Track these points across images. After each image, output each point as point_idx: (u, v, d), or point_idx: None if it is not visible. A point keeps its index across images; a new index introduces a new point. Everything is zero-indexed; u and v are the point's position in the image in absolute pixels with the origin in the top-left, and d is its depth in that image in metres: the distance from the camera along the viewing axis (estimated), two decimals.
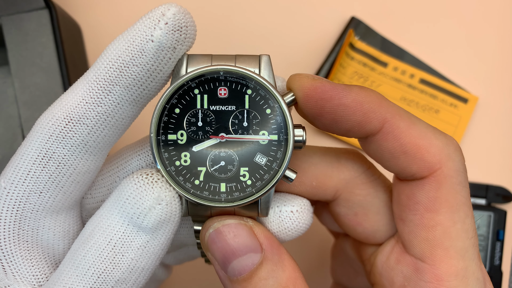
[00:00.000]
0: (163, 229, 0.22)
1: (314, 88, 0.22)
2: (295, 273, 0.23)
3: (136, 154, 0.24)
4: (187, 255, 0.30)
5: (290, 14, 0.43)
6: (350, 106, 0.22)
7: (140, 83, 0.21)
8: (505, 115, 0.43)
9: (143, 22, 0.21)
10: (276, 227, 0.24)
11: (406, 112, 0.23)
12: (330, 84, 0.22)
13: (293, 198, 0.25)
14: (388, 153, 0.23)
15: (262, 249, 0.22)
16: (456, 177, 0.22)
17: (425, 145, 0.22)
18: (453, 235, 0.22)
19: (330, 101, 0.22)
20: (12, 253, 0.22)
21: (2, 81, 0.37)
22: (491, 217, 0.41)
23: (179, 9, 0.21)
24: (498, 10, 0.43)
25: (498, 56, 0.43)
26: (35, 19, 0.35)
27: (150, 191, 0.21)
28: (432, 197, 0.22)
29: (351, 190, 0.25)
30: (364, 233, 0.26)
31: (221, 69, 0.22)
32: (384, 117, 0.22)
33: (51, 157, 0.21)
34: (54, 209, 0.22)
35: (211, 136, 0.22)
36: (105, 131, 0.22)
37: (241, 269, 0.22)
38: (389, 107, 0.22)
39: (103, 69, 0.21)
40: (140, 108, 0.22)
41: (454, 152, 0.22)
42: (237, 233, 0.22)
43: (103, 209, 0.22)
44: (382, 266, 0.25)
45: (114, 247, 0.22)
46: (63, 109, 0.21)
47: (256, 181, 0.23)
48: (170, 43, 0.21)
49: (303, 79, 0.22)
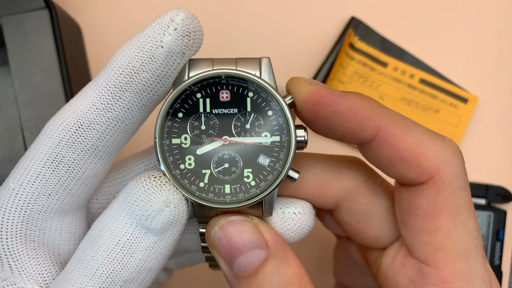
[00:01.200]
0: (170, 231, 0.22)
1: (310, 93, 0.22)
2: (300, 270, 0.23)
3: (142, 163, 0.25)
4: (190, 260, 0.30)
5: (290, 14, 0.43)
6: (344, 113, 0.22)
7: (150, 89, 0.21)
8: (505, 115, 0.43)
9: (152, 28, 0.21)
10: (279, 228, 0.25)
11: (402, 118, 0.23)
12: (326, 89, 0.22)
13: (295, 201, 0.25)
14: (385, 160, 0.23)
15: (267, 246, 0.23)
16: (455, 181, 0.22)
17: (422, 151, 0.22)
18: (455, 238, 0.22)
19: (325, 107, 0.22)
20: (19, 252, 0.22)
21: (2, 81, 0.37)
22: (491, 217, 0.41)
23: (187, 14, 0.21)
24: (498, 10, 0.43)
25: (498, 56, 0.43)
26: (35, 19, 0.35)
27: (158, 194, 0.22)
28: (431, 203, 0.22)
29: (353, 199, 0.25)
30: (368, 239, 0.26)
31: (222, 73, 0.22)
32: (379, 124, 0.22)
33: (61, 161, 0.22)
34: (61, 211, 0.23)
35: (215, 139, 0.23)
36: (115, 136, 0.22)
37: (247, 265, 0.22)
38: (383, 114, 0.22)
39: (113, 75, 0.21)
40: (149, 112, 0.23)
41: (452, 156, 0.22)
42: (242, 230, 0.23)
43: (111, 210, 0.23)
44: (388, 269, 0.25)
45: (123, 248, 0.22)
46: (73, 115, 0.21)
47: (260, 182, 0.23)
48: (179, 49, 0.21)
49: (301, 83, 0.23)
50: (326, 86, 0.23)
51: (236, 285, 0.23)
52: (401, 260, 0.24)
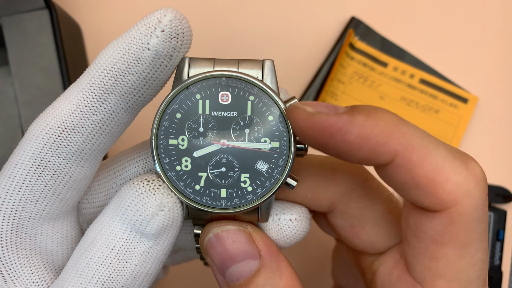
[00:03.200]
0: (166, 234, 0.22)
1: (312, 126, 0.20)
2: (292, 281, 0.22)
3: (134, 160, 0.24)
4: (184, 257, 0.30)
5: (290, 14, 0.43)
6: (354, 142, 0.19)
7: (136, 91, 0.21)
8: (505, 115, 0.43)
9: (139, 29, 0.20)
10: (275, 235, 0.24)
11: (422, 138, 0.20)
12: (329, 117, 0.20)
13: (291, 206, 0.25)
14: (399, 184, 0.21)
15: (260, 256, 0.22)
16: (473, 214, 0.20)
17: (440, 180, 0.20)
18: (458, 269, 0.21)
19: (331, 138, 0.20)
20: (10, 261, 0.22)
21: (2, 81, 0.37)
22: (491, 217, 0.41)
23: (175, 15, 0.20)
24: (498, 10, 0.43)
25: (498, 56, 0.43)
26: (35, 19, 0.35)
27: (152, 198, 0.21)
28: (440, 232, 0.21)
29: (347, 203, 0.25)
30: (362, 244, 0.25)
31: (223, 75, 0.22)
32: (395, 150, 0.20)
33: (46, 166, 0.21)
34: (51, 216, 0.22)
35: (213, 142, 0.22)
36: (101, 138, 0.21)
37: (239, 275, 0.22)
38: (400, 136, 0.20)
39: (98, 77, 0.20)
40: (135, 114, 0.22)
41: (475, 187, 0.20)
42: (235, 239, 0.22)
43: (104, 216, 0.22)
44: (384, 279, 0.24)
45: (118, 254, 0.22)
46: (57, 118, 0.21)
47: (257, 188, 0.22)
48: (167, 51, 0.20)
49: (300, 114, 0.20)
50: (329, 108, 0.20)
51: None
52: (398, 273, 0.23)
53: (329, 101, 0.42)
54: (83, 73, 0.21)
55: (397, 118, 0.20)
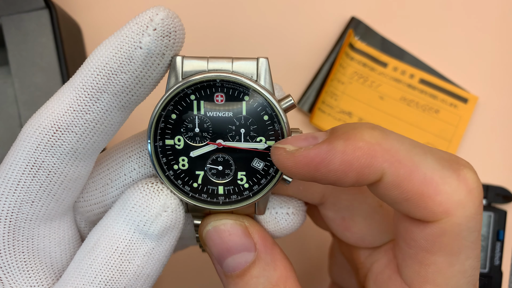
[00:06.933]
0: (168, 235, 0.22)
1: (296, 165, 0.20)
2: (286, 273, 0.23)
3: (127, 155, 0.24)
4: (181, 244, 0.30)
5: (290, 14, 0.43)
6: (340, 170, 0.19)
7: (128, 90, 0.21)
8: (505, 115, 0.43)
9: (131, 27, 0.20)
10: (272, 227, 0.25)
11: (407, 151, 0.20)
12: (310, 152, 0.20)
13: (288, 200, 0.25)
14: (389, 199, 0.21)
15: (256, 249, 0.23)
16: (465, 224, 0.20)
17: (430, 193, 0.19)
18: (447, 275, 0.21)
19: (317, 171, 0.20)
20: (9, 264, 0.22)
21: (2, 81, 0.37)
22: (491, 217, 0.41)
23: (167, 13, 0.20)
24: (498, 10, 0.43)
25: (498, 56, 0.43)
26: (35, 19, 0.35)
27: (156, 199, 0.22)
28: (431, 241, 0.20)
29: (338, 195, 0.25)
30: (353, 237, 0.26)
31: (217, 77, 0.21)
32: (381, 168, 0.19)
33: (41, 166, 0.21)
34: (47, 217, 0.22)
35: (209, 142, 0.23)
36: (94, 137, 0.21)
37: (235, 266, 0.23)
38: (384, 154, 0.19)
39: (90, 76, 0.20)
40: (128, 112, 0.22)
41: (467, 196, 0.20)
42: (232, 232, 0.23)
43: (108, 219, 0.22)
44: (377, 277, 0.25)
45: (121, 255, 0.22)
46: (50, 117, 0.21)
47: (253, 185, 0.23)
48: (159, 50, 0.20)
49: (282, 155, 0.20)
50: (308, 141, 0.20)
51: (225, 282, 0.24)
52: (390, 273, 0.24)
53: (329, 101, 0.42)
54: (76, 72, 0.21)
55: (379, 133, 0.20)
